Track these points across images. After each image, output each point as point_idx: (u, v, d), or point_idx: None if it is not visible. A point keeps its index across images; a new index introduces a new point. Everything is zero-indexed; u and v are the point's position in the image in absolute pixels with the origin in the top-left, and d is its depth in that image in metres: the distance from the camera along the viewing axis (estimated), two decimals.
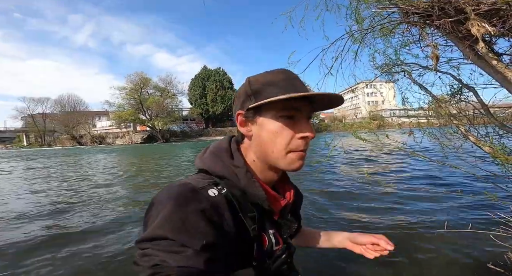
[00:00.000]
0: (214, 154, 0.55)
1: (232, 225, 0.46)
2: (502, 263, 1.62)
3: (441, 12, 1.03)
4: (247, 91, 0.53)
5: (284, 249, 0.58)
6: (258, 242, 0.50)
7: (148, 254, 0.38)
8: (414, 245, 2.12)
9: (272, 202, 0.55)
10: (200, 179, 0.51)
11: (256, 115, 0.52)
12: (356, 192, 4.04)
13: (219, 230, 0.43)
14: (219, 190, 0.48)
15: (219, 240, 0.41)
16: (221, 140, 0.60)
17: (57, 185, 6.05)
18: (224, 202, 0.47)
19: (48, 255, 2.34)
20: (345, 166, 6.65)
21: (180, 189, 0.45)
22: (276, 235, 0.57)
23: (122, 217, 3.38)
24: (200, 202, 0.44)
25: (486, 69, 1.20)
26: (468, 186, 3.84)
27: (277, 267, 0.55)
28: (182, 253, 0.37)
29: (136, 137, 42.53)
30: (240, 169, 0.52)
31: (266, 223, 0.55)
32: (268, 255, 0.54)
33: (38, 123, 51.30)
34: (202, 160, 0.56)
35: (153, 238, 0.39)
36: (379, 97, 54.04)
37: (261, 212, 0.53)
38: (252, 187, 0.51)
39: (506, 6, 0.83)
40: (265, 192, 0.52)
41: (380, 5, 1.41)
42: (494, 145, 1.52)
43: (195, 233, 0.39)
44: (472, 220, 2.33)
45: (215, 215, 0.44)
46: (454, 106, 2.04)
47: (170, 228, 0.39)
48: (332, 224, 2.76)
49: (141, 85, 44.23)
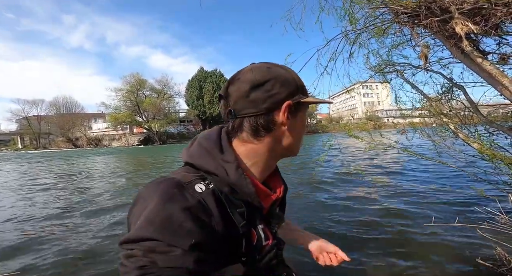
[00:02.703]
0: (202, 147, 0.52)
1: (220, 222, 0.44)
2: (490, 258, 1.65)
3: (428, 12, 1.06)
4: (296, 83, 0.53)
5: (274, 244, 0.57)
6: (247, 238, 0.49)
7: (134, 255, 0.36)
8: (402, 240, 2.16)
9: (262, 198, 0.53)
10: (186, 172, 0.49)
11: (298, 109, 0.53)
12: (341, 186, 4.10)
13: (207, 227, 0.41)
14: (207, 185, 0.46)
15: (207, 238, 0.40)
16: (209, 130, 0.56)
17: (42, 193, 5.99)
18: (211, 198, 0.45)
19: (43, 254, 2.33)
20: (339, 164, 6.70)
21: (165, 185, 0.43)
22: (265, 230, 0.56)
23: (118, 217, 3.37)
24: (186, 199, 0.42)
25: (472, 67, 1.24)
26: (457, 182, 3.91)
27: (267, 262, 0.54)
28: (170, 253, 0.36)
29: (132, 139, 42.26)
30: (231, 164, 0.49)
31: (255, 218, 0.53)
32: (257, 251, 0.52)
33: (33, 126, 50.69)
34: (189, 153, 0.53)
35: (139, 239, 0.37)
36: (375, 97, 54.54)
37: (250, 207, 0.51)
38: (242, 183, 0.48)
39: (487, 4, 0.86)
40: (255, 188, 0.50)
41: (371, 5, 1.45)
42: (481, 141, 1.56)
43: (182, 232, 0.38)
44: (459, 215, 2.37)
45: (202, 212, 0.42)
46: (445, 104, 2.09)
47: (156, 227, 0.37)
48: (319, 221, 2.78)
49: (137, 86, 44.03)
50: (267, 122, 0.50)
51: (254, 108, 0.49)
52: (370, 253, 1.98)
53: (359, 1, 1.62)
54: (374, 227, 2.43)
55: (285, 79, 0.51)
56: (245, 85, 0.49)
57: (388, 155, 7.69)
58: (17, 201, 4.73)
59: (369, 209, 3.03)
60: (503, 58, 1.43)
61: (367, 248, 2.07)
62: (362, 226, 2.51)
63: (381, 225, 2.49)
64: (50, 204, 4.31)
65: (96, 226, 3.10)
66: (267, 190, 0.55)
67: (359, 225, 2.55)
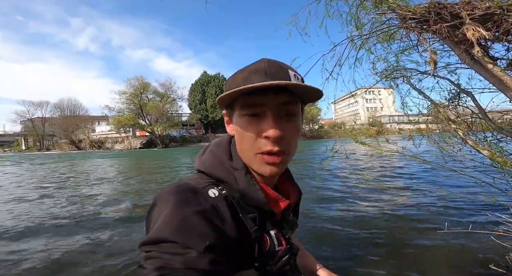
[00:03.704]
0: (213, 155, 0.54)
1: (233, 226, 0.45)
2: (503, 264, 1.62)
3: (437, 17, 1.06)
4: (227, 84, 0.51)
5: (287, 250, 0.56)
6: (259, 243, 0.49)
7: (153, 257, 0.37)
8: (415, 246, 2.13)
9: (273, 203, 0.53)
10: (200, 179, 0.51)
11: (231, 114, 0.51)
12: (355, 194, 4.05)
13: (220, 231, 0.42)
14: (219, 191, 0.48)
15: (220, 241, 0.41)
16: (221, 138, 0.58)
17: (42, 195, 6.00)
18: (224, 203, 0.46)
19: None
20: (347, 170, 6.64)
21: (180, 190, 0.45)
22: (278, 236, 0.55)
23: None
24: (200, 203, 0.43)
25: (482, 73, 1.23)
26: (467, 189, 3.88)
27: (280, 268, 0.53)
28: (186, 255, 0.37)
29: (135, 142, 42.41)
30: (239, 172, 0.50)
31: (267, 223, 0.53)
32: (270, 256, 0.52)
33: (37, 127, 51.18)
34: (201, 161, 0.55)
35: (156, 241, 0.39)
36: (378, 103, 54.45)
37: (262, 213, 0.51)
38: (251, 190, 0.49)
39: (499, 10, 0.86)
40: (265, 194, 0.51)
41: (378, 10, 1.45)
42: (492, 148, 1.53)
43: (197, 234, 0.39)
44: (472, 222, 2.35)
45: (215, 216, 0.43)
46: (452, 111, 2.07)
47: (172, 230, 0.39)
48: (333, 224, 2.74)
49: (141, 90, 44.40)
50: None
51: None
52: (380, 260, 1.96)
53: (365, 6, 1.62)
54: (384, 234, 2.41)
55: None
56: None
57: (394, 162, 7.63)
58: (18, 201, 4.73)
59: (379, 215, 3.02)
60: (511, 64, 1.42)
61: (377, 255, 2.05)
62: (372, 232, 2.50)
63: (392, 231, 2.47)
64: (57, 206, 4.31)
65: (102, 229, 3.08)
66: (278, 195, 0.55)
67: (370, 231, 2.53)
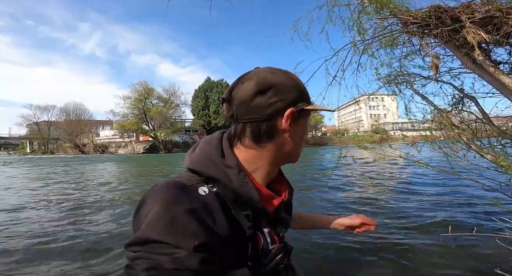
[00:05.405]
0: (203, 152, 0.52)
1: (225, 224, 0.44)
2: (510, 269, 1.58)
3: (438, 21, 1.07)
4: (300, 89, 0.53)
5: (281, 248, 0.55)
6: (253, 241, 0.49)
7: (141, 257, 0.37)
8: (419, 250, 2.10)
9: (266, 201, 0.53)
10: (190, 177, 0.49)
11: (300, 116, 0.53)
12: (357, 197, 4.02)
13: (211, 229, 0.41)
14: (210, 188, 0.47)
15: (212, 240, 0.40)
16: (211, 136, 0.56)
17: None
18: (215, 201, 0.45)
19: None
20: (351, 175, 6.59)
21: (169, 187, 0.44)
22: (272, 234, 0.55)
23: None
24: (190, 201, 0.42)
25: (484, 77, 1.23)
26: (471, 193, 3.85)
27: (274, 266, 0.53)
28: (175, 255, 0.36)
29: (138, 147, 42.62)
30: (232, 170, 0.49)
31: (260, 221, 0.53)
32: (264, 255, 0.51)
33: (43, 131, 51.83)
34: (191, 159, 0.52)
35: (144, 241, 0.38)
36: (382, 110, 54.31)
37: (255, 211, 0.50)
38: (245, 188, 0.48)
39: (499, 13, 0.87)
40: (259, 192, 0.50)
41: (380, 15, 1.47)
42: (496, 152, 1.52)
43: (186, 234, 0.38)
44: (476, 225, 2.31)
45: (206, 215, 0.42)
46: (456, 116, 2.06)
47: (160, 230, 0.38)
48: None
49: (145, 95, 44.93)
50: (269, 129, 0.50)
51: (256, 114, 0.49)
52: (383, 264, 1.93)
53: (367, 11, 1.64)
54: (387, 238, 2.39)
55: (289, 85, 0.51)
56: (249, 90, 0.49)
57: (397, 168, 7.58)
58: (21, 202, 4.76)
59: (382, 219, 3.00)
60: None
61: (380, 258, 2.02)
62: (375, 236, 2.46)
63: (395, 235, 2.45)
64: (61, 208, 4.33)
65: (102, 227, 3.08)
66: (270, 193, 0.55)
67: (373, 234, 2.50)
